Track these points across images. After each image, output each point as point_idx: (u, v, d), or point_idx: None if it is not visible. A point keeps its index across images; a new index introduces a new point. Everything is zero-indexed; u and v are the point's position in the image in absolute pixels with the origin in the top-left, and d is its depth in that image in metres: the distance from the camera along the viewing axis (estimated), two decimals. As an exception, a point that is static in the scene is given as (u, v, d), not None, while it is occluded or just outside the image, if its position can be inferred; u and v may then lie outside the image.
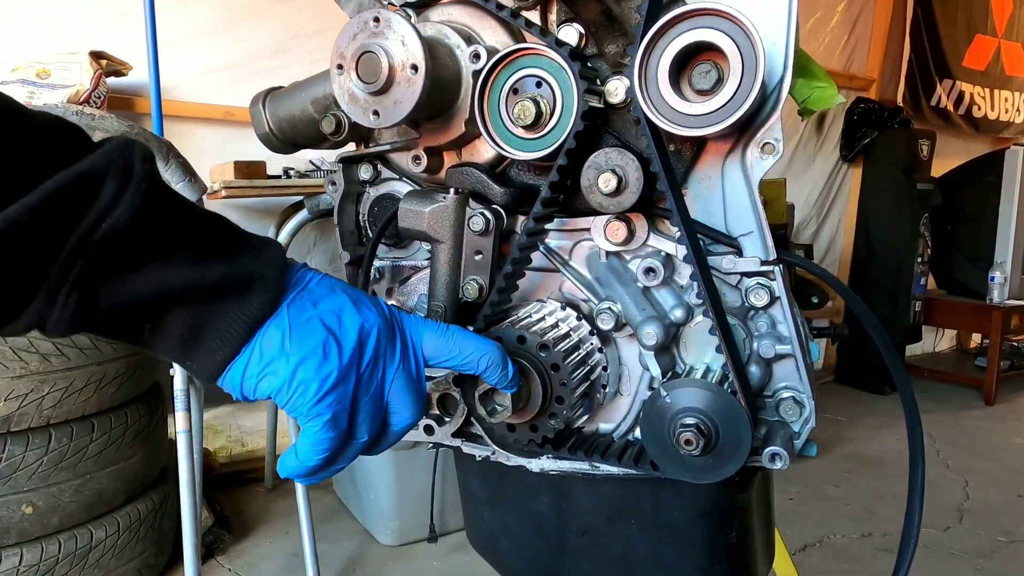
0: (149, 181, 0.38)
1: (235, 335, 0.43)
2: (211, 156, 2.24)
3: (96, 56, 2.00)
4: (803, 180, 4.01)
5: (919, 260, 4.00)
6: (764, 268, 0.55)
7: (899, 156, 3.92)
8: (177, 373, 1.70)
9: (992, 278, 3.95)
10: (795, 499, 2.69)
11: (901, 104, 4.17)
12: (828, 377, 4.28)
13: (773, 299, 0.56)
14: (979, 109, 4.57)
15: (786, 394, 0.57)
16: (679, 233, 0.53)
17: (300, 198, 2.05)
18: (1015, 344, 4.54)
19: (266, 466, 2.60)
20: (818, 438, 2.97)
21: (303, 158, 2.25)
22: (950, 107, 4.42)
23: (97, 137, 1.58)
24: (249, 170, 1.96)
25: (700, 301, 0.55)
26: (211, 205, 2.21)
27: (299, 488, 1.95)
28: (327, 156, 2.25)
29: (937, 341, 4.98)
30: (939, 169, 4.19)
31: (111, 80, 2.09)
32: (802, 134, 3.93)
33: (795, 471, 2.91)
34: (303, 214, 1.95)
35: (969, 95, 4.48)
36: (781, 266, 0.56)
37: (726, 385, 0.54)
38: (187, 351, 0.43)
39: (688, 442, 0.52)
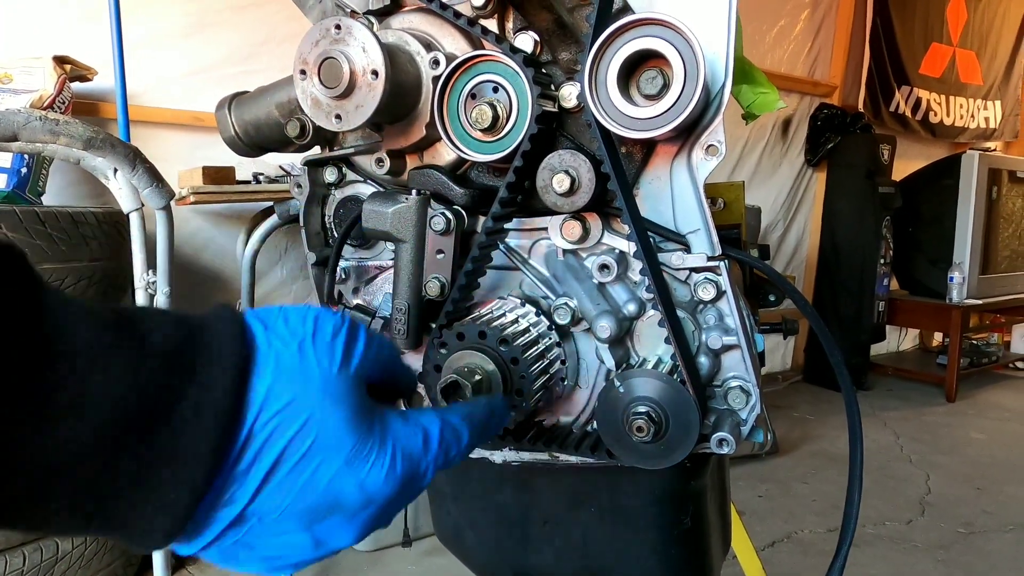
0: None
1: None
2: (179, 162, 2.22)
3: (60, 61, 1.98)
4: (769, 184, 4.10)
5: (882, 261, 4.12)
6: (711, 263, 0.58)
7: (861, 160, 4.04)
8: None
9: (951, 278, 4.09)
10: (764, 496, 2.75)
11: (862, 110, 4.29)
12: (796, 376, 4.37)
13: (720, 293, 0.59)
14: (935, 115, 4.73)
15: (733, 383, 0.60)
16: (630, 231, 0.56)
17: (270, 204, 2.05)
18: (974, 342, 4.69)
19: (238, 474, 2.58)
20: (787, 437, 3.05)
21: (273, 163, 2.24)
22: (908, 113, 4.57)
23: (61, 143, 1.54)
24: (218, 176, 1.95)
25: (651, 295, 0.58)
26: (180, 211, 2.19)
27: (271, 494, 1.94)
28: (297, 162, 2.25)
29: (901, 340, 5.12)
30: (900, 173, 4.32)
31: (76, 85, 2.07)
32: (768, 140, 4.03)
33: (764, 469, 2.97)
34: (273, 220, 1.95)
35: (926, 101, 4.64)
36: (727, 261, 0.59)
37: (676, 375, 0.57)
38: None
39: (640, 429, 0.55)
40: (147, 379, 0.28)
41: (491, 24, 0.62)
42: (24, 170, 1.86)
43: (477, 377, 0.58)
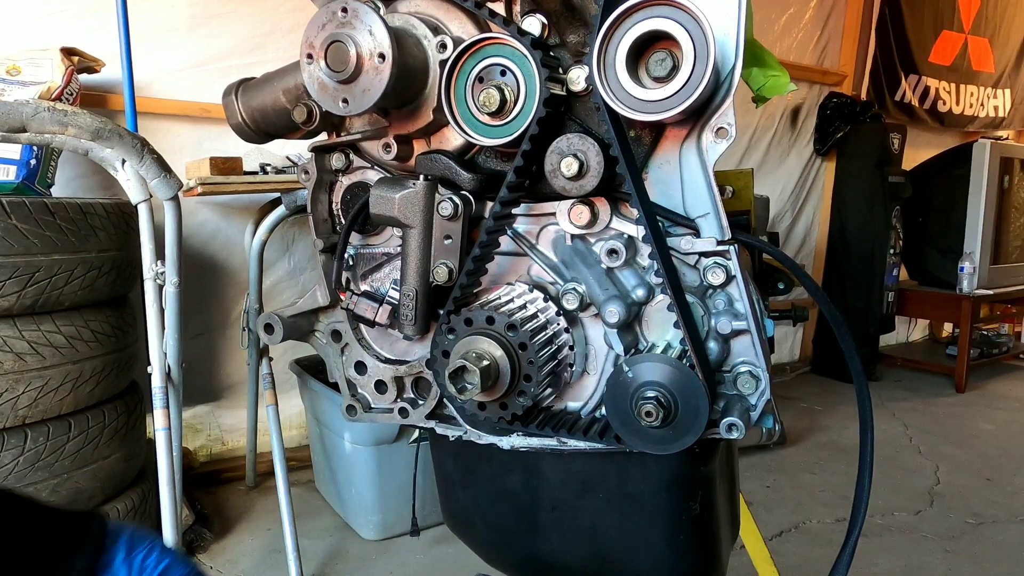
0: None
1: None
2: (187, 153, 2.23)
3: (67, 52, 1.98)
4: (778, 174, 4.07)
5: (891, 252, 4.08)
6: (720, 248, 0.58)
7: (871, 150, 4.00)
8: (155, 370, 1.69)
9: (962, 268, 4.05)
10: (772, 487, 2.74)
11: (866, 99, 4.25)
12: (804, 367, 4.35)
13: (729, 278, 0.58)
14: (944, 104, 4.67)
15: (743, 368, 0.59)
16: (639, 215, 0.55)
17: (277, 195, 2.04)
18: (985, 333, 4.65)
19: (247, 464, 2.59)
20: (794, 427, 3.03)
21: (280, 154, 2.24)
22: (915, 102, 4.51)
23: (70, 134, 1.56)
24: (225, 166, 1.95)
25: (660, 280, 0.58)
26: (187, 202, 2.20)
27: (280, 485, 1.96)
28: (304, 152, 2.25)
29: (910, 331, 5.08)
30: (910, 162, 4.28)
31: (83, 77, 2.07)
32: (776, 129, 3.99)
33: (772, 459, 2.97)
34: (280, 211, 1.95)
35: (935, 90, 4.58)
36: (736, 246, 0.58)
37: (685, 360, 0.57)
38: None
39: (649, 414, 0.55)
40: None
41: (498, 7, 0.61)
42: (33, 162, 1.87)
43: (485, 362, 0.58)
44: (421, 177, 0.62)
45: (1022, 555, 2.25)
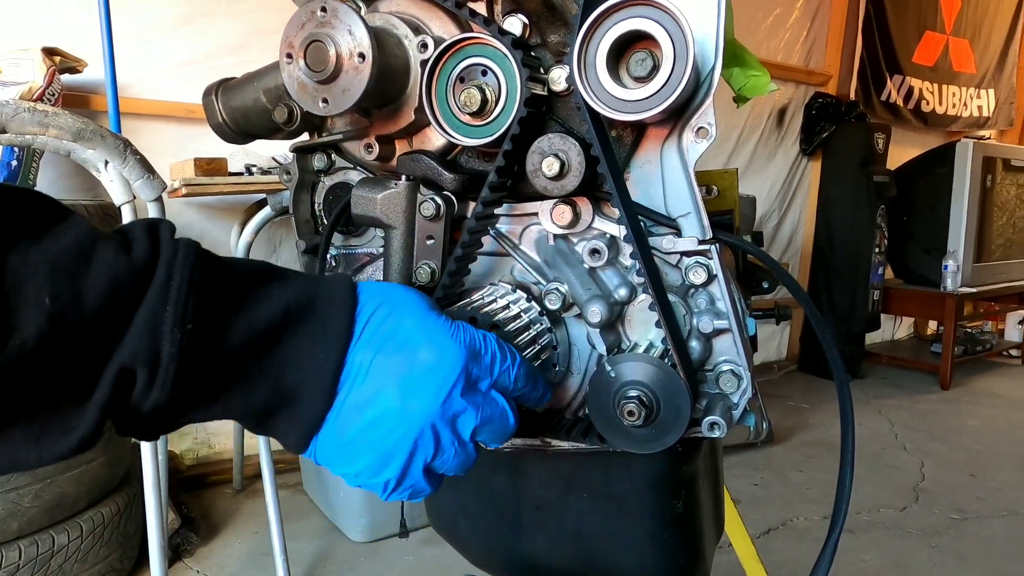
0: (180, 355, 0.38)
1: (294, 442, 0.47)
2: (171, 154, 2.21)
3: (49, 52, 1.96)
4: (765, 174, 4.10)
5: (877, 251, 4.12)
6: (701, 247, 0.58)
7: (856, 150, 4.03)
8: (139, 373, 1.67)
9: (946, 267, 4.10)
10: (759, 484, 2.76)
11: (854, 99, 4.29)
12: (791, 366, 4.39)
13: (711, 277, 0.59)
14: (927, 104, 4.72)
15: (725, 367, 0.60)
16: (620, 214, 0.55)
17: (263, 196, 2.03)
18: (968, 330, 4.71)
19: (234, 467, 2.57)
20: (782, 425, 3.05)
21: (265, 155, 2.23)
22: (899, 102, 4.56)
23: (51, 135, 1.52)
24: (210, 167, 1.94)
25: (642, 280, 0.58)
26: (172, 203, 2.18)
27: (268, 488, 1.94)
28: (289, 153, 2.24)
29: (895, 329, 5.13)
30: (894, 161, 4.33)
31: (66, 77, 2.05)
32: (763, 129, 4.02)
33: (760, 457, 2.98)
34: (266, 212, 1.94)
35: (918, 90, 4.63)
36: (717, 245, 0.59)
37: (667, 359, 0.57)
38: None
39: (631, 413, 0.55)
40: (301, 294, 0.44)
41: (480, 7, 0.61)
42: (14, 163, 1.84)
43: (468, 363, 0.58)
44: (403, 177, 0.62)
45: (1006, 550, 2.28)
